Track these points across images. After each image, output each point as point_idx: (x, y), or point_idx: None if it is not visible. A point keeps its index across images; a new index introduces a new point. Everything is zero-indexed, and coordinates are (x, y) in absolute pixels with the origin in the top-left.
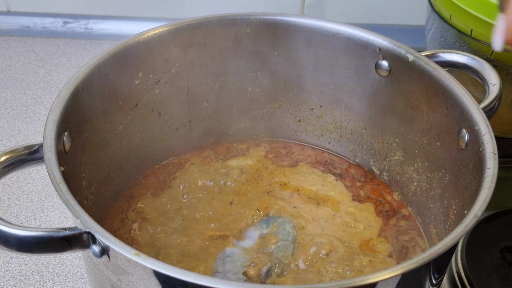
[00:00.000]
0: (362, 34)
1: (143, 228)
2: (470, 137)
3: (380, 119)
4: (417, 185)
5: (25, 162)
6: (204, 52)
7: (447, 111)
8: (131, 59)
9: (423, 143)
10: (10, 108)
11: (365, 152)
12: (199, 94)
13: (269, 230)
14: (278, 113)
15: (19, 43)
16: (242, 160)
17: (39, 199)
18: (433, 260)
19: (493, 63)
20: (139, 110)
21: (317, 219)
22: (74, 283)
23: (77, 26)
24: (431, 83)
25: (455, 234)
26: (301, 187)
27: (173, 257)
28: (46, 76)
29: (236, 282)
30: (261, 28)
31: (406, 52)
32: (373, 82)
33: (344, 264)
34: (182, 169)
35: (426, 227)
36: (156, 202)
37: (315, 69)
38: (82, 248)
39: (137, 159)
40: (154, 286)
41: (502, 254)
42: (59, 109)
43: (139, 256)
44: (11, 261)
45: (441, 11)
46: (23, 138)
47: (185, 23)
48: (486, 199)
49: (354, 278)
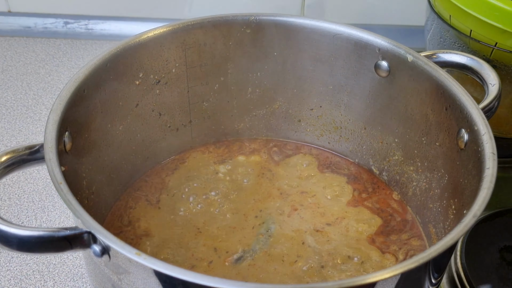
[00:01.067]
0: (361, 35)
1: (143, 227)
2: (470, 137)
3: (380, 119)
4: (416, 185)
5: (26, 162)
6: (204, 52)
7: (446, 111)
8: (131, 59)
9: (423, 143)
10: (11, 108)
11: (364, 152)
12: (199, 94)
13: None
14: (278, 113)
15: (20, 44)
16: (242, 160)
17: (40, 199)
18: (433, 260)
19: (492, 64)
20: (140, 110)
21: (308, 209)
22: (75, 282)
23: (78, 26)
24: (431, 83)
25: (455, 233)
26: (301, 186)
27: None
28: (47, 77)
29: (236, 282)
30: (261, 28)
31: (405, 52)
32: (373, 82)
33: (340, 268)
34: (182, 169)
35: (425, 226)
36: (156, 202)
37: (315, 69)
38: (83, 248)
39: (137, 159)
40: (155, 285)
41: (501, 253)
42: (59, 109)
43: (139, 255)
44: (12, 261)
45: (440, 12)
46: (24, 138)
47: (185, 23)
48: (485, 199)
49: (354, 277)
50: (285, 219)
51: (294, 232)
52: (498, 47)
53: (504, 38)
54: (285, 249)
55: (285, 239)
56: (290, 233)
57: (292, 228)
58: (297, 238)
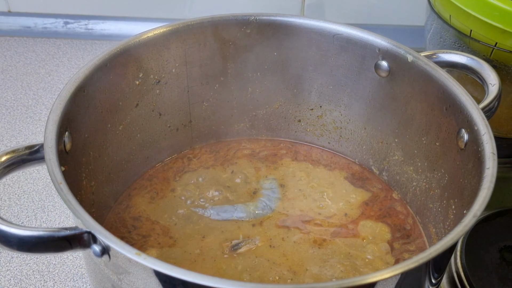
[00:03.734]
0: (361, 35)
1: (143, 227)
2: (470, 137)
3: (380, 119)
4: (416, 185)
5: (26, 162)
6: (204, 52)
7: (446, 111)
8: (131, 59)
9: (423, 143)
10: (10, 108)
11: (364, 152)
12: (199, 94)
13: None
14: (278, 113)
15: (20, 44)
16: (242, 160)
17: (39, 199)
18: (433, 260)
19: (492, 64)
20: (140, 110)
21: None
22: (75, 282)
23: (78, 26)
24: (431, 83)
25: (455, 233)
26: (300, 185)
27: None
28: (47, 76)
29: (236, 282)
30: (261, 29)
31: (405, 52)
32: (373, 82)
33: (340, 261)
34: (182, 169)
35: (425, 226)
36: (156, 202)
37: (315, 69)
38: (83, 248)
39: (137, 159)
40: (155, 285)
41: (501, 253)
42: (59, 109)
43: (139, 255)
44: (12, 261)
45: (440, 12)
46: (23, 138)
47: (185, 23)
48: (485, 199)
49: (354, 277)
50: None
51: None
52: (498, 47)
53: (504, 38)
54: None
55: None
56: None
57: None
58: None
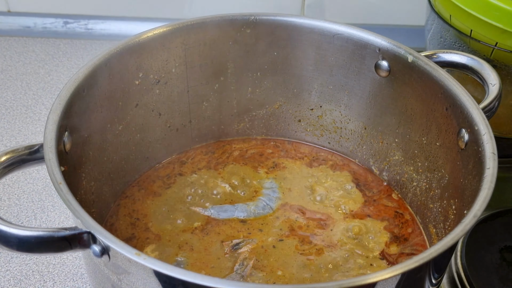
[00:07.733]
0: (362, 34)
1: (143, 227)
2: (470, 137)
3: (380, 119)
4: (416, 185)
5: (25, 162)
6: (204, 52)
7: (446, 111)
8: (131, 59)
9: (423, 143)
10: (10, 108)
11: (364, 152)
12: (199, 94)
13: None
14: (278, 113)
15: (20, 43)
16: (242, 160)
17: (39, 199)
18: (433, 260)
19: (493, 63)
20: (139, 110)
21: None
22: (75, 283)
23: (78, 26)
24: (431, 83)
25: (455, 234)
26: (300, 185)
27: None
28: (47, 76)
29: (236, 282)
30: (261, 28)
31: (405, 52)
32: (373, 82)
33: (339, 265)
34: (182, 169)
35: (425, 226)
36: (156, 202)
37: (315, 69)
38: (83, 248)
39: (137, 159)
40: (155, 285)
41: (502, 254)
42: (59, 109)
43: (139, 256)
44: (11, 261)
45: (440, 12)
46: (23, 138)
47: (185, 23)
48: (486, 199)
49: (354, 277)
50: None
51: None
52: (498, 47)
53: (505, 38)
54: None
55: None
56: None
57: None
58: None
